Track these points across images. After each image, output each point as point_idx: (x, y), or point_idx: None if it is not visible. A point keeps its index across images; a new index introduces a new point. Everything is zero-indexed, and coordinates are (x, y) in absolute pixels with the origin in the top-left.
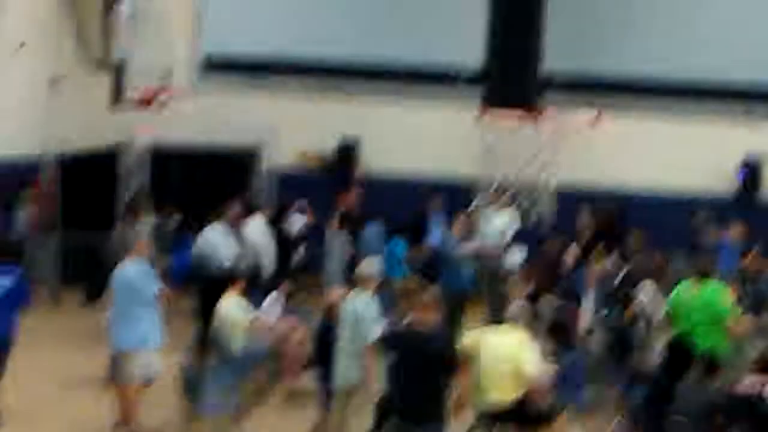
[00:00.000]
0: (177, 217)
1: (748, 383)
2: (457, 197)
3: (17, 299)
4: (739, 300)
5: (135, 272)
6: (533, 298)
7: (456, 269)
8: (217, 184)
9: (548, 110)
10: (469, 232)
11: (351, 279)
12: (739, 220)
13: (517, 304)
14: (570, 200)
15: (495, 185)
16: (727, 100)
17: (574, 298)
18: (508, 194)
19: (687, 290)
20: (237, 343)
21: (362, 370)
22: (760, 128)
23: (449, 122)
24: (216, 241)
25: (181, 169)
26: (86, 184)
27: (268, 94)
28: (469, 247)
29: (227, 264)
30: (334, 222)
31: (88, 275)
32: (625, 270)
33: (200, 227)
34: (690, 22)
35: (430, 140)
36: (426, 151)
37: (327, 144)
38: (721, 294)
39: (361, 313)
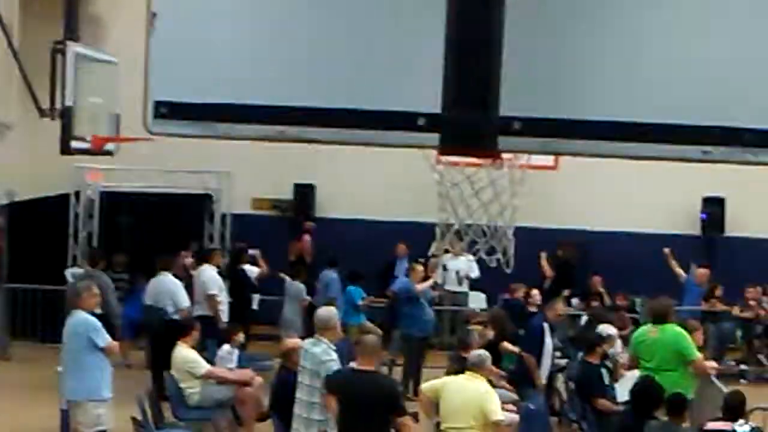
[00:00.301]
0: (122, 261)
1: (720, 424)
2: (416, 244)
3: None
4: (705, 343)
5: (85, 323)
6: (495, 345)
7: (416, 316)
8: (169, 231)
9: (506, 155)
10: (427, 278)
11: (308, 327)
12: (702, 262)
13: (478, 351)
14: (531, 244)
15: (453, 231)
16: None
17: (536, 343)
18: (466, 240)
19: (646, 334)
20: (192, 394)
21: (321, 419)
22: (718, 170)
23: (406, 168)
24: (168, 290)
25: (133, 216)
26: (35, 234)
27: (222, 140)
28: (430, 293)
29: (179, 313)
30: (290, 269)
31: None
32: (588, 313)
33: (152, 275)
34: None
35: (388, 186)
36: (384, 197)
37: (283, 190)
38: (680, 337)
39: (320, 361)
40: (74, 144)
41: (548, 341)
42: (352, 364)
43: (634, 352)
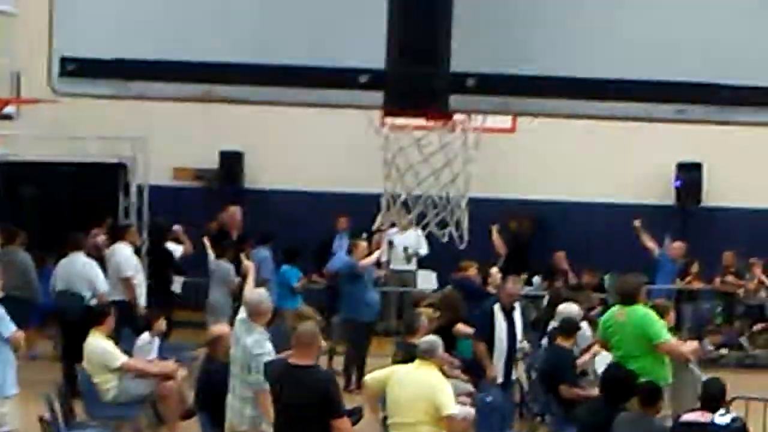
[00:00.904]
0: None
1: (698, 414)
2: (359, 217)
3: None
4: (677, 324)
5: None
6: (447, 329)
7: (359, 298)
8: (78, 206)
9: (458, 116)
10: (369, 255)
11: (238, 312)
12: (676, 235)
13: (429, 337)
14: (486, 216)
15: (400, 202)
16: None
17: (485, 328)
18: (415, 212)
19: (613, 317)
20: (107, 389)
21: (255, 414)
22: (694, 132)
23: (347, 131)
24: (82, 272)
25: (37, 189)
26: None
27: (137, 103)
28: (374, 272)
29: (98, 298)
30: (216, 248)
31: None
32: (550, 293)
33: (59, 256)
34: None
35: (327, 152)
36: (322, 166)
37: (207, 158)
38: (647, 318)
39: (252, 354)
40: None
41: (501, 325)
42: (287, 355)
43: (602, 336)
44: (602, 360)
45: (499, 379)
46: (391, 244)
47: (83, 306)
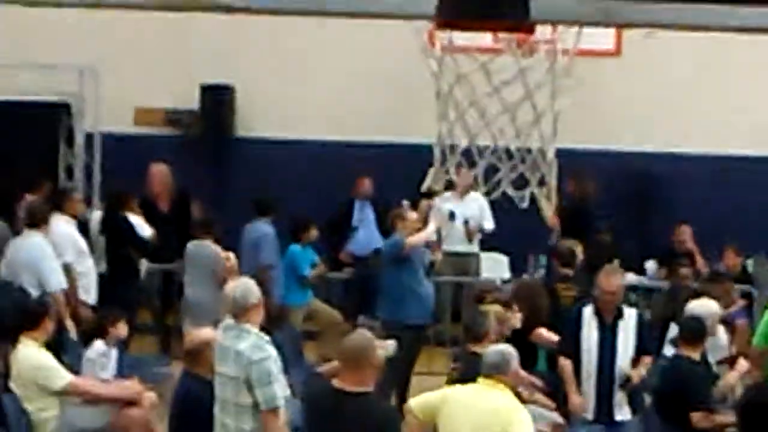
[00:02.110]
0: None
1: None
2: (393, 176)
3: None
4: None
5: None
6: (524, 335)
7: (406, 291)
8: (5, 161)
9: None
10: (419, 231)
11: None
12: None
13: (499, 346)
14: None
15: (459, 152)
16: None
17: (569, 338)
18: (481, 166)
19: None
20: (45, 420)
21: None
22: None
23: (380, 55)
24: (29, 258)
25: None
26: None
27: (88, 20)
28: (428, 255)
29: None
30: (199, 225)
31: None
32: (670, 286)
33: None
34: None
35: (348, 86)
36: (342, 106)
37: (183, 96)
38: None
39: (249, 361)
40: None
41: (591, 337)
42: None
43: (759, 343)
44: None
45: (589, 416)
46: (452, 216)
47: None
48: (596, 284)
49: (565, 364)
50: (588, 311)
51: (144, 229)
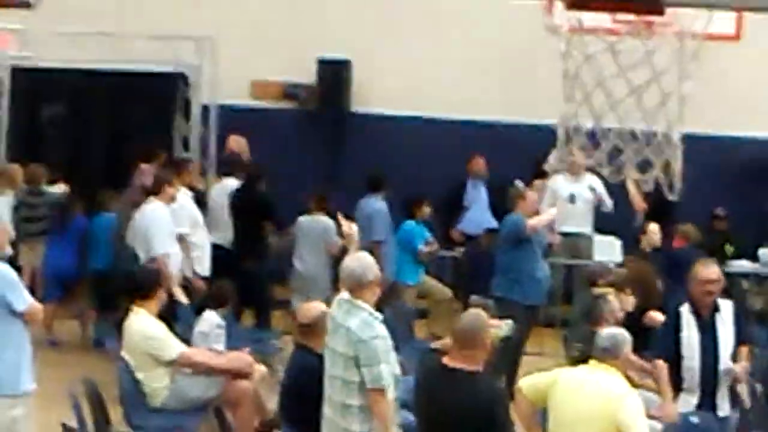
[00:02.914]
0: (61, 188)
1: None
2: (510, 156)
3: None
4: None
5: None
6: (636, 320)
7: (524, 271)
8: (120, 130)
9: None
10: (536, 213)
11: (338, 285)
12: None
13: (612, 329)
14: (709, 157)
15: (584, 133)
16: None
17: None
18: (605, 147)
19: None
20: (157, 390)
21: (364, 427)
22: None
23: (501, 32)
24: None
25: (64, 106)
26: None
27: None
28: (545, 236)
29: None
30: (314, 198)
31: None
32: None
33: (96, 203)
34: None
35: (468, 63)
36: (461, 81)
37: (300, 69)
38: None
39: (358, 339)
40: None
41: (693, 337)
42: (442, 347)
43: None
44: None
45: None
46: (572, 198)
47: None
48: (693, 277)
49: (662, 367)
50: (685, 310)
51: None
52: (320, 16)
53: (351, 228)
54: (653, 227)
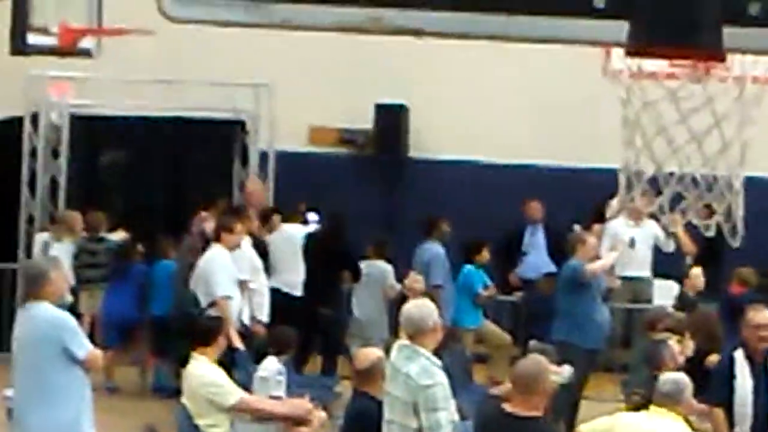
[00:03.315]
0: (121, 235)
1: None
2: (570, 199)
3: None
4: None
5: (54, 321)
6: (697, 364)
7: (583, 315)
8: (179, 177)
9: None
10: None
11: (397, 331)
12: None
13: (673, 374)
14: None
15: (644, 179)
16: None
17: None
18: (666, 194)
19: None
20: None
21: None
22: None
23: (562, 78)
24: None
25: (123, 153)
26: None
27: (264, 39)
28: (604, 281)
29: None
30: (369, 247)
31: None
32: None
33: (156, 250)
34: None
35: (526, 109)
36: (517, 126)
37: (358, 114)
38: None
39: (418, 385)
40: (32, 39)
41: (747, 383)
42: (502, 394)
43: None
44: None
45: None
46: (632, 242)
47: (195, 315)
48: (746, 322)
49: (718, 413)
50: (739, 356)
51: None
52: (377, 62)
53: (417, 281)
54: (696, 271)
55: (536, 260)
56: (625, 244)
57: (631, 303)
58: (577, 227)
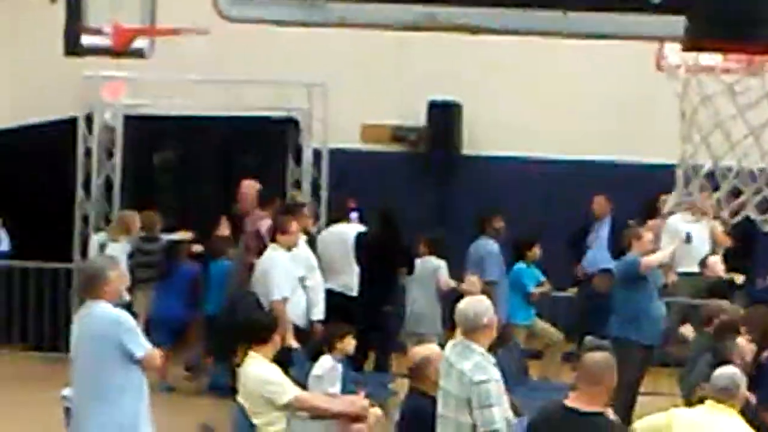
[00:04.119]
0: (183, 235)
1: None
2: (625, 194)
3: None
4: None
5: (111, 321)
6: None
7: (639, 310)
8: (232, 176)
9: None
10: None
11: (451, 327)
12: None
13: (728, 369)
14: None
15: (702, 174)
16: None
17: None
18: (724, 189)
19: None
20: None
21: None
22: None
23: (617, 74)
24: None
25: (176, 153)
26: (22, 181)
27: (316, 37)
28: (661, 276)
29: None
30: (422, 243)
31: None
32: None
33: (210, 249)
34: None
35: (582, 104)
36: (574, 122)
37: (410, 112)
38: None
39: (471, 381)
40: (85, 40)
41: None
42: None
43: None
44: None
45: None
46: (689, 238)
47: (253, 312)
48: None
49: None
50: None
51: None
52: (430, 59)
53: (473, 284)
54: (714, 259)
55: (595, 255)
56: (681, 240)
57: (688, 298)
58: (631, 222)
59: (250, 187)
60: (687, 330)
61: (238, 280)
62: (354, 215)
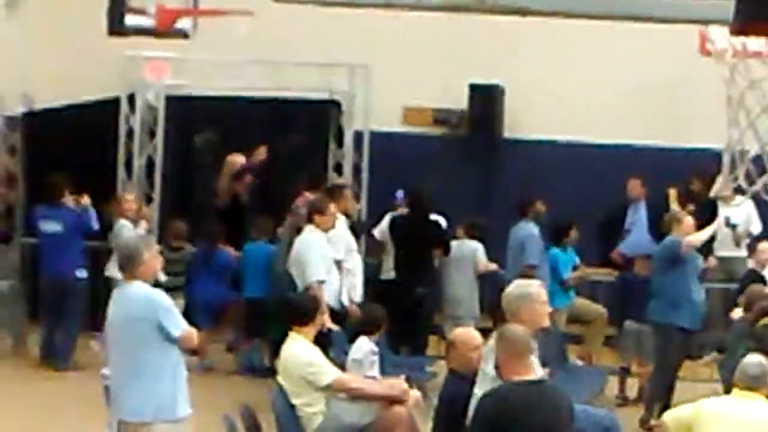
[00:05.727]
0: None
1: None
2: (666, 178)
3: None
4: None
5: (147, 300)
6: None
7: (678, 294)
8: (276, 157)
9: None
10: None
11: (494, 310)
12: None
13: (757, 357)
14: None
15: (748, 159)
16: None
17: None
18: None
19: None
20: (312, 415)
21: None
22: None
23: (660, 56)
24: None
25: (218, 134)
26: (65, 160)
27: (359, 18)
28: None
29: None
30: (461, 227)
31: None
32: None
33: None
34: None
35: (625, 88)
36: (615, 107)
37: (452, 95)
38: None
39: None
40: (129, 20)
41: None
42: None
43: None
44: None
45: None
46: (728, 221)
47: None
48: None
49: None
50: None
51: None
52: (472, 42)
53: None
54: (763, 246)
55: (637, 239)
56: (721, 224)
57: (727, 282)
58: (674, 207)
59: (234, 162)
60: (736, 314)
61: (282, 262)
62: (399, 194)
